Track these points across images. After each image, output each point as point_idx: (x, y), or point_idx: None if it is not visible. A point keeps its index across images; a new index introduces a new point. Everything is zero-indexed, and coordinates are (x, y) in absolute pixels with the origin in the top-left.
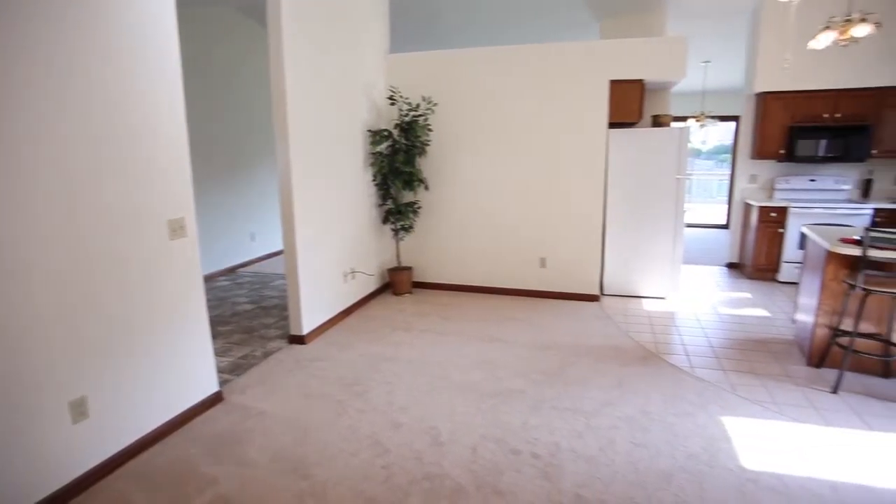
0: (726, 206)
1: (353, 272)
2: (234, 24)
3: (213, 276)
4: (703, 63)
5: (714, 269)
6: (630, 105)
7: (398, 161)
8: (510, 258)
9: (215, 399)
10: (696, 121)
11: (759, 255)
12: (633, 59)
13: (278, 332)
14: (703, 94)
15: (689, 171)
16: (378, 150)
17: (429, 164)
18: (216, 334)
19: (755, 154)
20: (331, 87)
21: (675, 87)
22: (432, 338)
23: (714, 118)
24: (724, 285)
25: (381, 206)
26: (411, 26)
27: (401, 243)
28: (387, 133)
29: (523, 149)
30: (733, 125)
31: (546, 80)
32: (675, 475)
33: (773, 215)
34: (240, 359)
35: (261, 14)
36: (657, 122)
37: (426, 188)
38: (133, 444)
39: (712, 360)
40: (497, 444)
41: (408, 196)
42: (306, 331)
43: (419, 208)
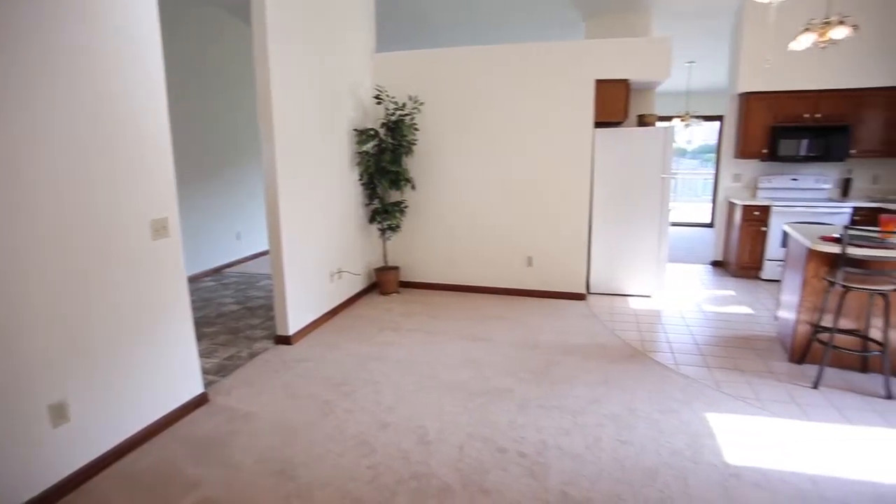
0: (711, 205)
1: (339, 272)
2: (220, 22)
3: (199, 277)
4: (687, 63)
5: (699, 268)
6: (616, 104)
7: (385, 160)
8: (497, 257)
9: (200, 401)
10: (681, 120)
11: (742, 254)
12: (618, 59)
13: (264, 333)
14: (688, 94)
15: (673, 171)
16: (364, 149)
17: (416, 164)
18: (201, 335)
19: (739, 153)
20: (317, 85)
21: (660, 87)
22: (419, 337)
23: (698, 118)
24: (709, 283)
25: (367, 205)
26: (398, 26)
27: (388, 243)
28: (373, 132)
29: (510, 148)
30: (718, 125)
31: (532, 80)
32: (660, 471)
33: (757, 214)
34: (225, 360)
35: (247, 13)
36: (642, 121)
37: (413, 187)
38: (117, 446)
39: (697, 358)
40: (484, 443)
41: (394, 195)
42: (293, 331)
43: (406, 208)
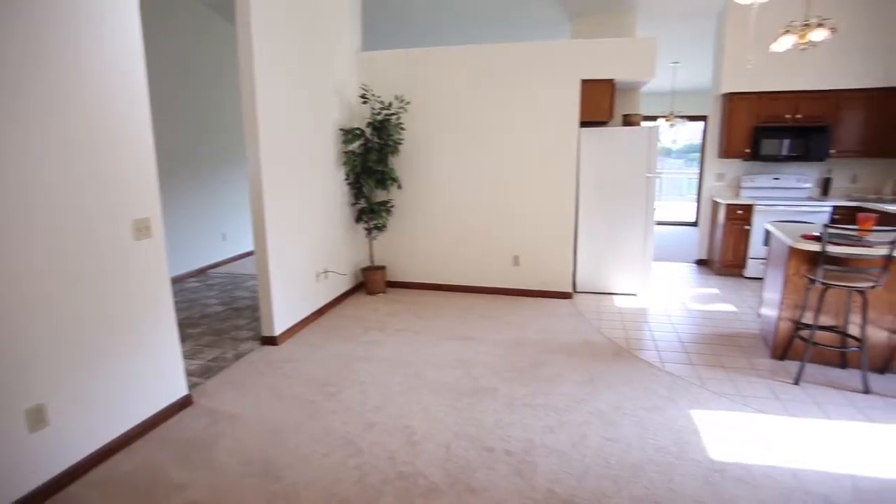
0: (696, 204)
1: (325, 272)
2: (203, 19)
3: (183, 278)
4: (672, 64)
5: (684, 266)
6: (601, 104)
7: (371, 160)
8: (484, 257)
9: (184, 403)
10: (666, 120)
11: (726, 252)
12: (603, 59)
13: (250, 334)
14: (673, 94)
15: (658, 170)
16: (350, 148)
17: (402, 163)
18: (186, 337)
19: (722, 153)
20: (302, 84)
21: (645, 88)
22: (406, 337)
23: (683, 118)
24: (694, 281)
25: (353, 205)
26: (383, 25)
27: (374, 242)
28: (359, 131)
29: (496, 147)
30: (702, 125)
31: (518, 79)
32: (645, 468)
33: (740, 213)
34: (210, 361)
35: (231, 10)
36: (627, 121)
37: (399, 187)
38: (98, 450)
39: (682, 355)
40: (470, 442)
41: (381, 195)
42: (278, 332)
43: (392, 207)
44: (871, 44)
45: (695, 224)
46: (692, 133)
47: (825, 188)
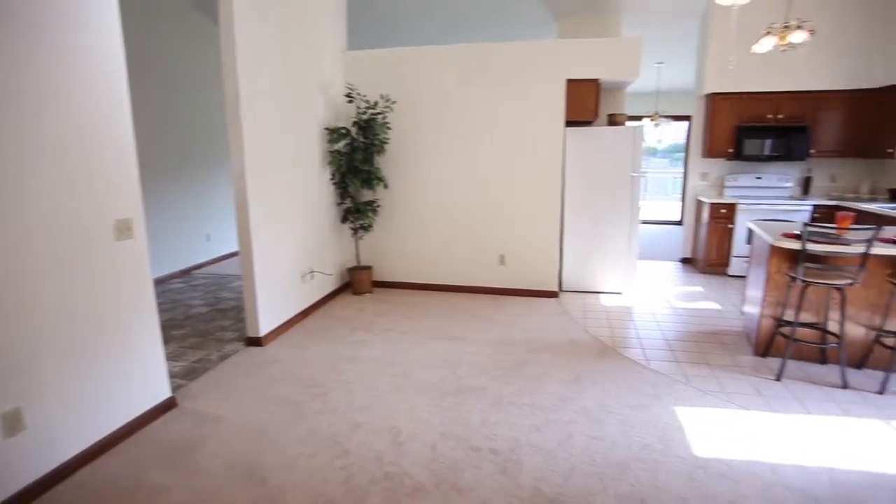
0: (680, 203)
1: (311, 272)
2: (186, 17)
3: (167, 279)
4: (656, 64)
5: (669, 265)
6: (586, 104)
7: (356, 159)
8: (470, 256)
9: (168, 405)
10: (651, 120)
11: (710, 250)
12: (588, 59)
13: (235, 335)
14: (657, 94)
15: (643, 169)
16: (336, 148)
17: (388, 163)
18: (169, 338)
19: (706, 153)
20: (286, 84)
21: (630, 88)
22: (393, 337)
23: (668, 118)
24: (678, 280)
25: (339, 204)
26: (368, 24)
27: (360, 242)
28: (345, 131)
29: (482, 147)
30: (686, 125)
31: (504, 79)
32: (630, 465)
33: (723, 212)
34: (194, 363)
35: (215, 10)
36: (612, 120)
37: (385, 187)
38: (79, 454)
39: (667, 353)
40: (457, 442)
41: (367, 195)
42: (263, 332)
43: (378, 207)
44: (848, 46)
45: (679, 223)
46: (677, 133)
47: (806, 187)
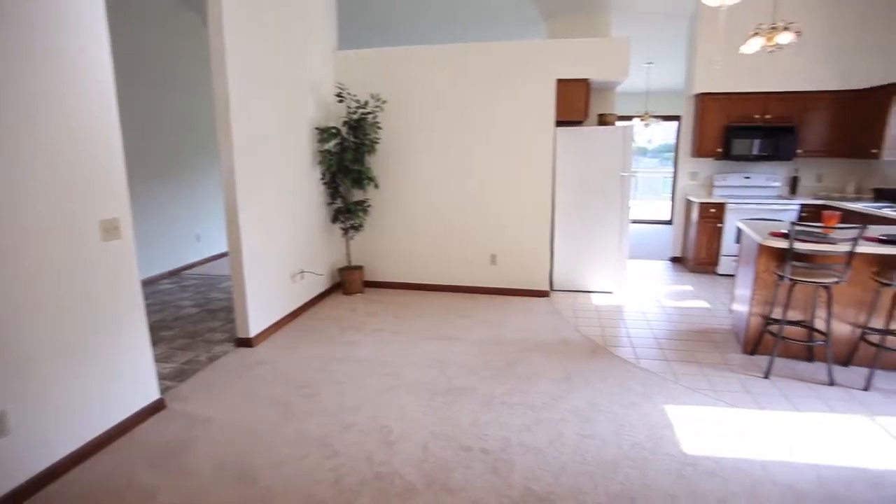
0: (670, 203)
1: (302, 272)
2: (177, 19)
3: (156, 279)
4: (646, 64)
5: (659, 264)
6: (576, 104)
7: (347, 159)
8: (461, 256)
9: (157, 407)
10: (641, 120)
11: (700, 250)
12: (578, 59)
13: (225, 336)
14: (647, 94)
15: (633, 169)
16: (326, 147)
17: (379, 163)
18: (159, 339)
19: (695, 152)
20: (276, 83)
21: (620, 88)
22: (384, 337)
23: (657, 118)
24: (668, 279)
25: (330, 204)
26: (358, 24)
27: (351, 242)
28: (335, 130)
29: (473, 147)
30: (676, 125)
31: (494, 79)
32: (620, 464)
33: (713, 211)
34: (183, 364)
35: (203, 8)
36: (602, 120)
37: (376, 186)
38: (66, 457)
39: (657, 352)
40: (447, 442)
41: (357, 194)
42: (254, 333)
43: (369, 207)
44: (834, 48)
45: (669, 222)
46: (667, 133)
47: (793, 187)
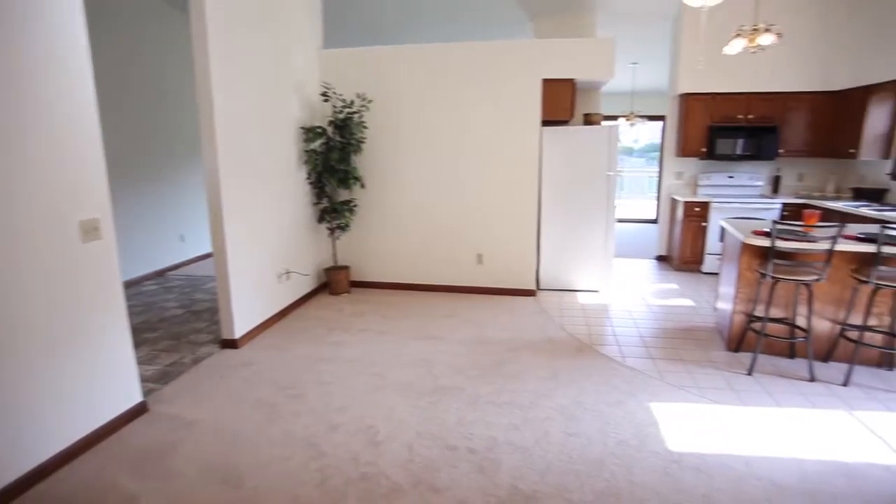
0: (656, 202)
1: (287, 273)
2: (160, 17)
3: (140, 280)
4: (631, 64)
5: (644, 263)
6: (562, 103)
7: (333, 159)
8: (447, 255)
9: (139, 410)
10: (626, 120)
11: (684, 248)
12: (564, 59)
13: (209, 337)
14: (633, 94)
15: (619, 168)
16: (312, 147)
17: (365, 162)
18: (142, 341)
19: (680, 152)
20: (260, 82)
21: (606, 88)
22: (370, 337)
23: (643, 117)
24: (654, 277)
25: (316, 204)
26: (344, 23)
27: (337, 242)
28: (321, 130)
29: (459, 146)
30: (661, 124)
31: (481, 79)
32: (606, 462)
33: (697, 210)
34: (167, 366)
35: (186, 6)
36: (588, 120)
37: (362, 186)
38: (44, 463)
39: (642, 350)
40: (434, 441)
41: (344, 194)
42: (239, 334)
43: (356, 207)
44: (814, 49)
45: (655, 221)
46: (653, 132)
47: (775, 186)
